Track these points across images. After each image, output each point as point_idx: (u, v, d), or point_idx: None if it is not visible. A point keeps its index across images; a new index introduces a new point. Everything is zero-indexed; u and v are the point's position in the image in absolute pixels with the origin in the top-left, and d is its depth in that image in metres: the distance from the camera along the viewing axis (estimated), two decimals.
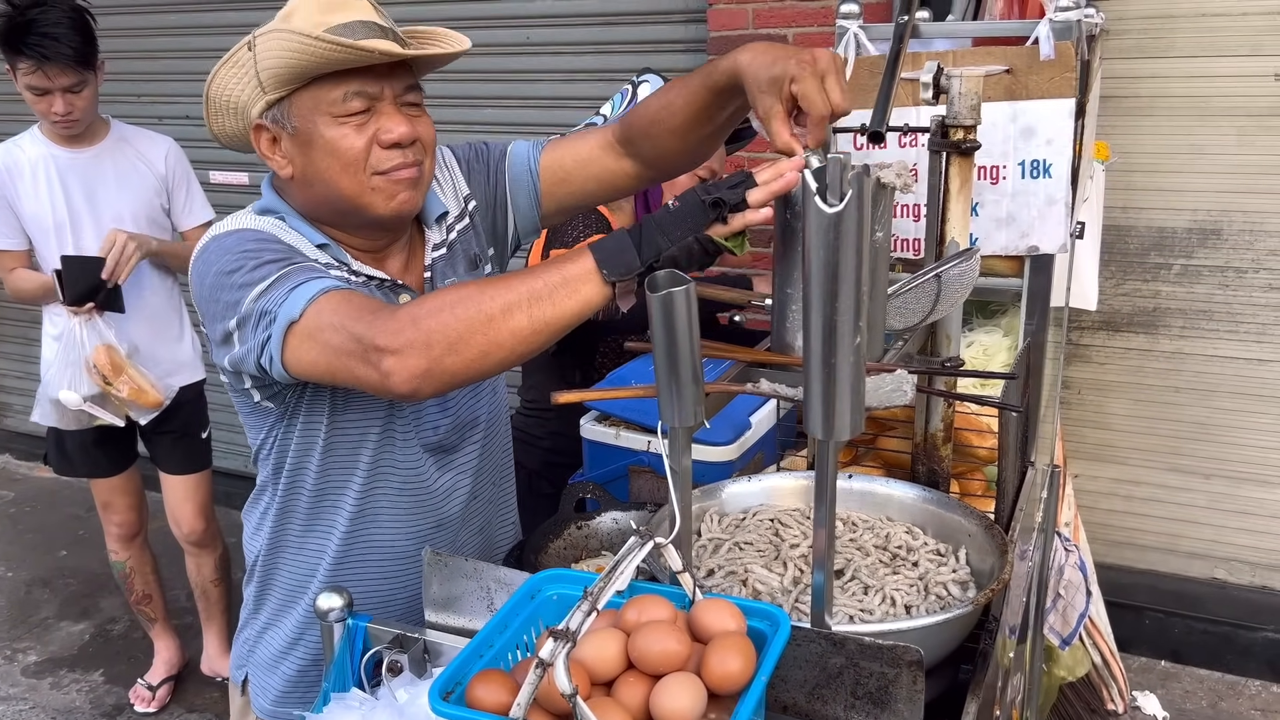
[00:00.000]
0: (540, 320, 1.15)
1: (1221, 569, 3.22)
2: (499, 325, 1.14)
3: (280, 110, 1.33)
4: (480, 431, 1.61)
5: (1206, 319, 3.06)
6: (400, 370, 1.14)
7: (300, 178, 1.36)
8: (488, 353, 1.15)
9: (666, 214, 1.16)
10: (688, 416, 1.09)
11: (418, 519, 1.56)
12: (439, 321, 1.14)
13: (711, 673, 0.99)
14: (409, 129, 1.34)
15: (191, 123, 4.34)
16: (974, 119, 1.42)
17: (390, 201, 1.36)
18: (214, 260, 1.33)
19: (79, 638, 3.65)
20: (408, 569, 1.56)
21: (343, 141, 1.31)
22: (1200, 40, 2.86)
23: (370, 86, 1.31)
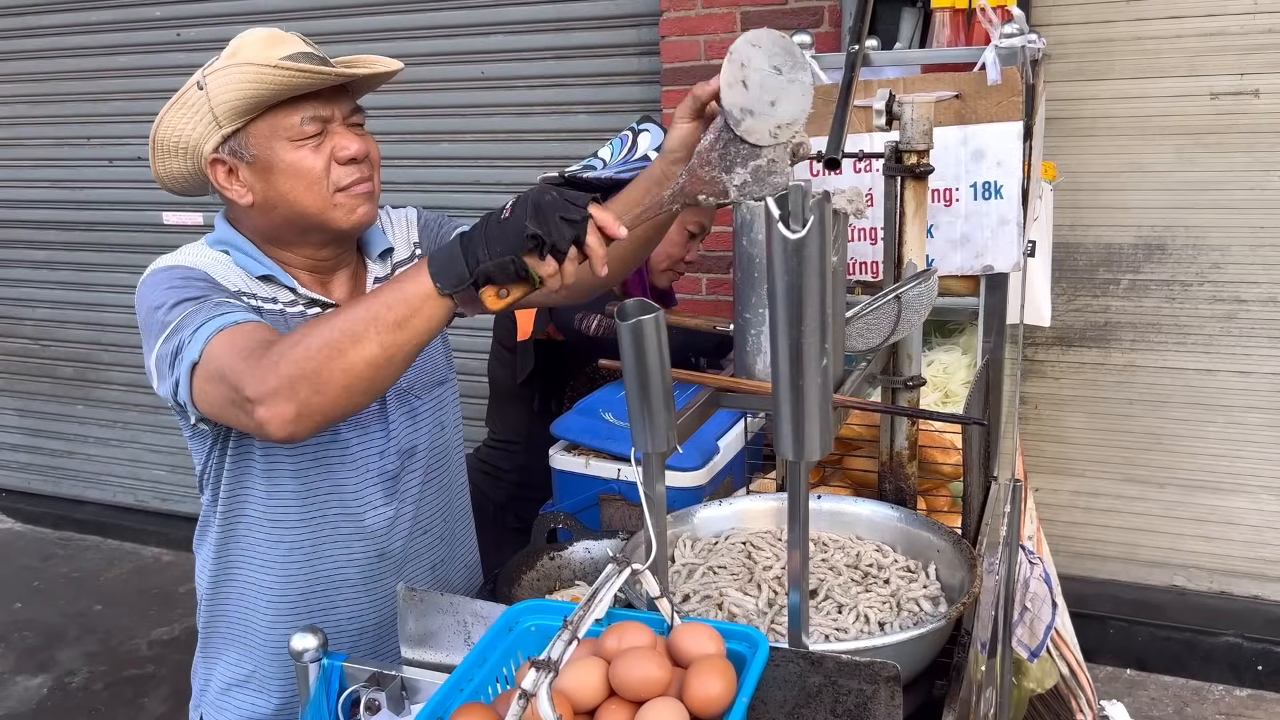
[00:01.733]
0: (391, 344, 1.18)
1: (1180, 576, 3.28)
2: (352, 357, 1.17)
3: (237, 142, 1.39)
4: (420, 461, 1.60)
5: (1155, 332, 3.14)
6: (272, 419, 1.19)
7: (261, 203, 1.41)
8: (350, 385, 1.19)
9: (497, 226, 1.16)
10: (660, 442, 1.11)
11: (359, 548, 1.55)
12: (295, 364, 1.18)
13: (693, 696, 0.99)
14: (361, 145, 1.42)
15: (143, 164, 4.27)
16: (926, 144, 1.46)
17: (351, 215, 1.43)
18: (147, 294, 1.39)
19: (37, 692, 3.56)
20: (354, 600, 1.56)
21: (304, 163, 1.39)
22: (1138, 62, 2.96)
23: (322, 110, 1.39)
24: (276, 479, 1.48)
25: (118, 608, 4.13)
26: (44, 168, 4.52)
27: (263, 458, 1.47)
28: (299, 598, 1.53)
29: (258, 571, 1.52)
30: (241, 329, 1.28)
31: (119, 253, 4.46)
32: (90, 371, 4.70)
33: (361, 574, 1.55)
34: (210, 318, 1.29)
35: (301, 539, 1.51)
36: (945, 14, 1.88)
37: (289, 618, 1.52)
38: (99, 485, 4.82)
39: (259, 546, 1.51)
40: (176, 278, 1.38)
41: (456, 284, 1.16)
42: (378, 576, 1.56)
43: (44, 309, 4.71)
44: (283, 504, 1.49)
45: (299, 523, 1.50)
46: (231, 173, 1.41)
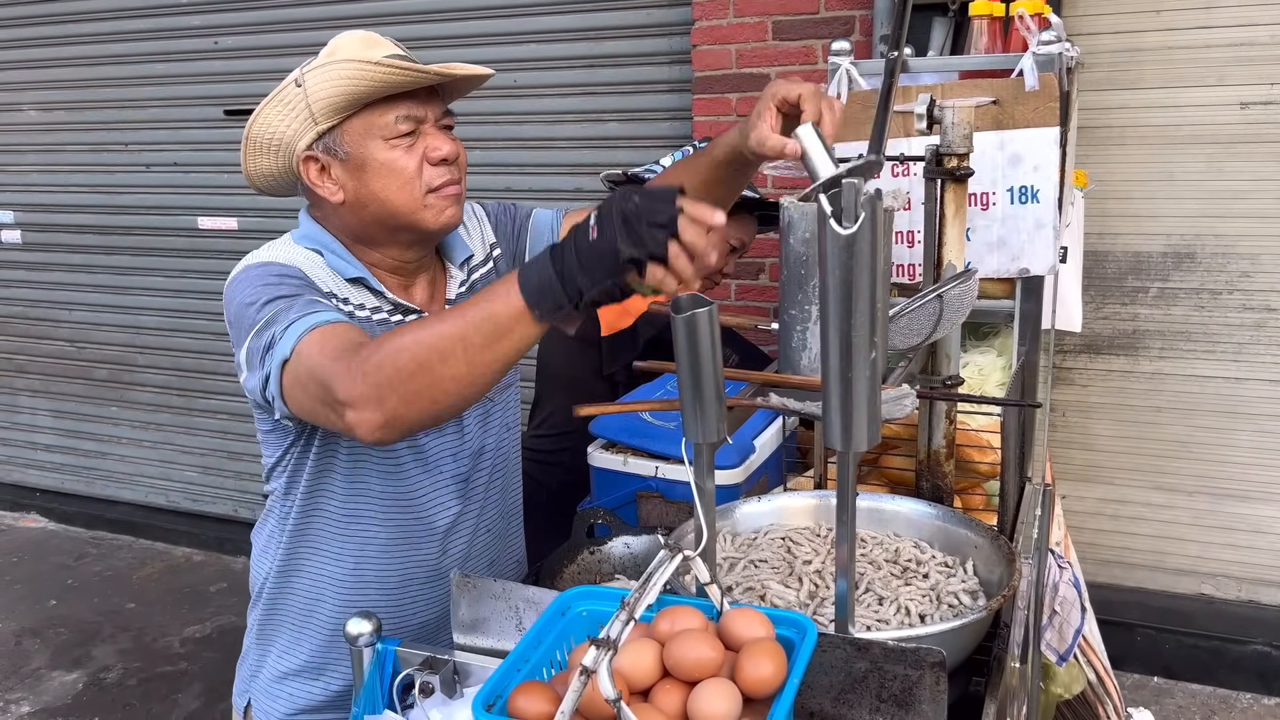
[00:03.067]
0: (479, 364, 1.18)
1: (1208, 584, 3.28)
2: (439, 373, 1.18)
3: (331, 139, 1.41)
4: (488, 460, 1.65)
5: (1184, 340, 3.15)
6: (361, 424, 1.20)
7: (353, 201, 1.44)
8: (436, 400, 1.19)
9: (587, 247, 1.11)
10: (711, 433, 1.14)
11: (428, 546, 1.59)
12: (385, 376, 1.18)
13: (746, 677, 1.02)
14: (453, 146, 1.45)
15: (179, 170, 4.38)
16: (966, 147, 1.49)
17: (440, 216, 1.45)
18: (239, 290, 1.40)
19: (72, 687, 3.62)
20: (418, 596, 1.60)
21: (398, 162, 1.41)
22: (1168, 72, 2.98)
23: (416, 110, 1.42)
24: (359, 478, 1.51)
25: (150, 606, 4.19)
26: (82, 173, 4.61)
27: (347, 457, 1.50)
28: (368, 592, 1.57)
29: (330, 563, 1.56)
30: (334, 329, 1.29)
31: (154, 256, 4.53)
32: (124, 374, 4.77)
33: (428, 571, 1.59)
34: (302, 315, 1.30)
35: (377, 535, 1.54)
36: (983, 21, 1.91)
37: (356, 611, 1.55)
38: (131, 486, 4.89)
39: (334, 540, 1.55)
40: (271, 274, 1.39)
41: (555, 310, 1.14)
42: (442, 574, 1.60)
43: (80, 311, 4.79)
44: (363, 501, 1.53)
45: (375, 520, 1.54)
46: (324, 170, 1.43)
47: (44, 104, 4.61)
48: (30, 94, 4.62)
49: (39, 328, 4.92)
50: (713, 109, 3.30)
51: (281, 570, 1.59)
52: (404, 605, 1.59)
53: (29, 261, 4.85)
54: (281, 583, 1.59)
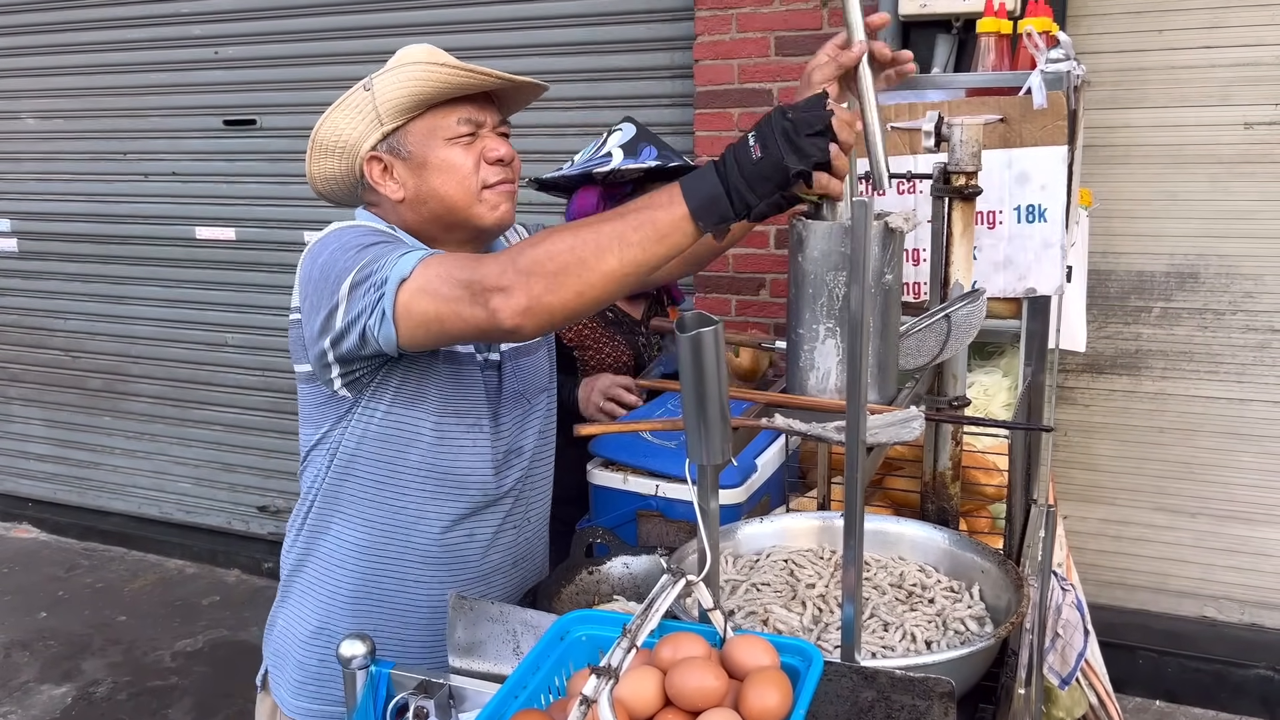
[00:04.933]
0: (631, 263, 1.24)
1: (1211, 607, 3.25)
2: (591, 267, 1.23)
3: (395, 139, 1.50)
4: (525, 460, 1.68)
5: (1187, 360, 3.13)
6: (505, 306, 1.25)
7: (413, 198, 1.52)
8: (582, 292, 1.25)
9: (752, 165, 1.18)
10: (715, 454, 1.11)
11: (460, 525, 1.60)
12: (535, 263, 1.25)
13: (750, 707, 1.00)
14: (509, 149, 1.54)
15: (177, 179, 4.36)
16: (975, 165, 1.47)
17: (494, 212, 1.53)
18: (331, 242, 1.45)
19: (61, 701, 3.57)
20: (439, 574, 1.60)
21: (456, 159, 1.50)
22: (1171, 91, 2.97)
23: (476, 114, 1.51)
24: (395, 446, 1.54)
25: (141, 619, 4.14)
26: (79, 182, 4.58)
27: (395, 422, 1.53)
28: (388, 564, 1.58)
29: (356, 529, 1.57)
30: (450, 255, 1.37)
31: (151, 266, 4.51)
32: (118, 384, 4.74)
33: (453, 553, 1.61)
34: (413, 249, 1.38)
35: (407, 504, 1.56)
36: (990, 39, 1.89)
37: (373, 580, 1.58)
38: (124, 496, 4.85)
39: (363, 505, 1.56)
40: (365, 232, 1.46)
41: (719, 221, 1.21)
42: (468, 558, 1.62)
43: (75, 320, 4.76)
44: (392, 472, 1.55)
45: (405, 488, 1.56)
46: (386, 170, 1.52)
47: (42, 112, 4.59)
48: (29, 102, 4.60)
49: (34, 336, 4.89)
50: (714, 124, 3.29)
51: (307, 541, 1.60)
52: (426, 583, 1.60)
53: (25, 270, 4.82)
54: (305, 551, 1.61)
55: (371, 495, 1.56)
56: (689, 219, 1.21)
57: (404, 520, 1.57)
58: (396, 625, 1.60)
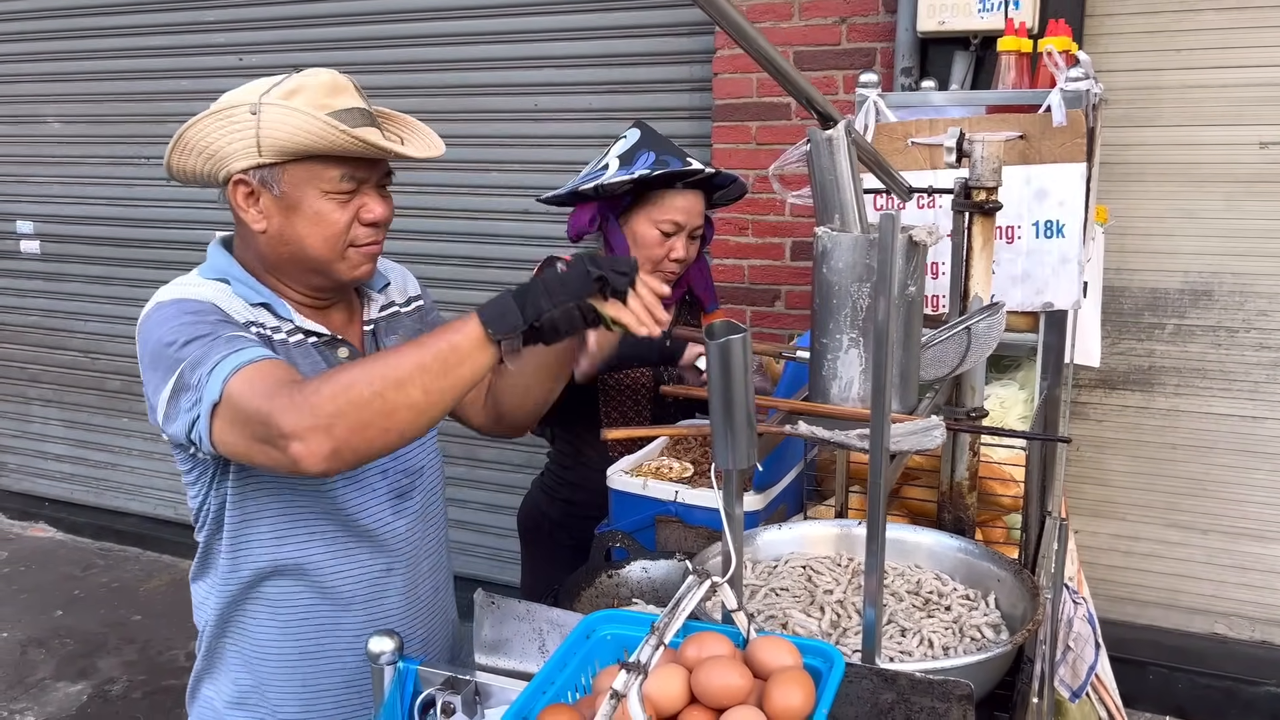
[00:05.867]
0: (435, 391, 1.25)
1: (1222, 624, 3.26)
2: (394, 401, 1.23)
3: (270, 174, 1.40)
4: (425, 478, 1.67)
5: (1200, 377, 3.15)
6: (307, 455, 1.22)
7: (274, 235, 1.44)
8: (388, 429, 1.24)
9: (555, 278, 1.26)
10: (741, 459, 1.14)
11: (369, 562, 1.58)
12: (337, 405, 1.21)
13: (774, 706, 1.02)
14: (385, 210, 1.48)
15: None
16: (995, 181, 1.50)
17: (355, 270, 1.49)
18: (154, 329, 1.39)
19: (77, 698, 3.61)
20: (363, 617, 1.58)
21: (330, 215, 1.43)
22: (1186, 110, 2.99)
23: (361, 172, 1.44)
24: (283, 496, 1.50)
25: (156, 619, 4.18)
26: (101, 185, 4.64)
27: (269, 479, 1.49)
28: (308, 612, 1.56)
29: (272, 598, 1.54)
30: (260, 367, 1.29)
31: (171, 270, 4.47)
32: (136, 385, 4.77)
33: (368, 590, 1.59)
34: (226, 354, 1.30)
35: (312, 553, 1.53)
36: (1010, 56, 1.92)
37: (295, 634, 1.55)
38: (140, 497, 4.89)
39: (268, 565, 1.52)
40: (185, 312, 1.38)
41: (509, 332, 1.24)
42: (383, 593, 1.60)
43: (95, 323, 4.82)
44: (292, 520, 1.52)
45: (308, 537, 1.53)
46: (252, 196, 1.42)
47: (67, 116, 4.66)
48: (53, 106, 4.67)
49: (54, 338, 4.94)
50: (733, 136, 3.32)
51: (224, 604, 1.55)
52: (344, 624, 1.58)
53: (46, 272, 4.88)
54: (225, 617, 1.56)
55: (275, 551, 1.52)
56: (483, 334, 1.24)
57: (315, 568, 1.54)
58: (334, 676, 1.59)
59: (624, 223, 2.19)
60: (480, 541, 4.11)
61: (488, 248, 3.84)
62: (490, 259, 3.87)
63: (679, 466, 1.99)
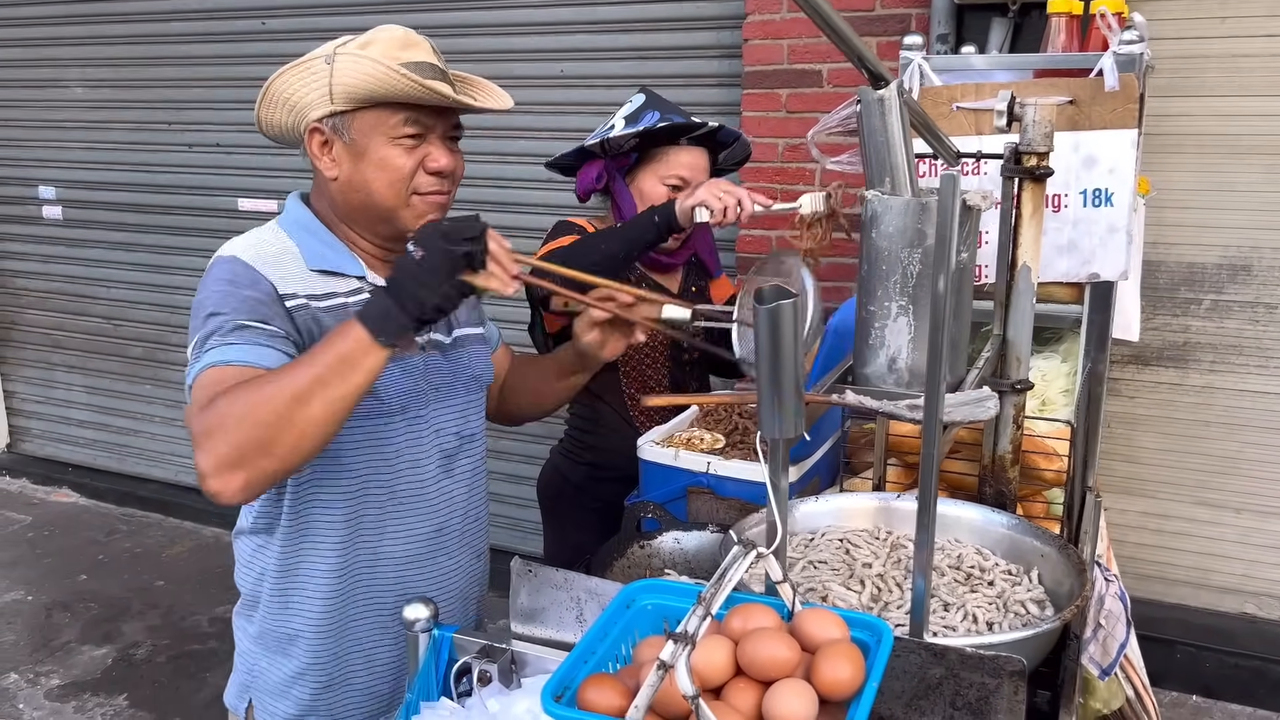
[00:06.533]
0: (335, 400, 1.27)
1: (1252, 604, 3.22)
2: (299, 419, 1.25)
3: (341, 121, 1.46)
4: (477, 445, 1.69)
5: (1236, 354, 3.09)
6: (223, 491, 1.25)
7: (345, 182, 1.49)
8: (298, 445, 1.27)
9: (417, 267, 1.28)
10: (788, 428, 1.11)
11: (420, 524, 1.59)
12: (243, 432, 1.24)
13: (822, 678, 1.00)
14: (450, 161, 1.50)
15: (222, 151, 4.39)
16: (1047, 146, 1.45)
17: (420, 219, 1.50)
18: (206, 281, 1.45)
19: (102, 662, 3.63)
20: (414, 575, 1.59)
21: (394, 160, 1.46)
22: (1230, 80, 2.92)
23: (426, 119, 1.47)
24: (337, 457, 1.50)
25: (180, 584, 4.20)
26: (125, 150, 4.63)
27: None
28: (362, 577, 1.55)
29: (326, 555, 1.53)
30: (224, 374, 1.31)
31: (194, 236, 4.55)
32: (159, 352, 4.80)
33: (418, 550, 1.59)
34: (215, 347, 1.35)
35: (362, 520, 1.53)
36: (1060, 19, 1.87)
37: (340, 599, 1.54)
38: (163, 464, 4.91)
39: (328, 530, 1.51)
40: (227, 279, 1.42)
41: (398, 334, 1.27)
42: (432, 554, 1.61)
43: (118, 289, 4.82)
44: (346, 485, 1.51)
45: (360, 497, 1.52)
46: (326, 145, 1.48)
47: (90, 81, 4.63)
48: (77, 70, 4.65)
49: (76, 304, 4.95)
50: (763, 104, 3.27)
51: (278, 569, 1.55)
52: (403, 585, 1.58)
53: (69, 238, 4.88)
54: (281, 581, 1.55)
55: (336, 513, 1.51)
56: (370, 339, 1.26)
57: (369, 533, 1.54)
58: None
59: (630, 181, 2.23)
60: (501, 512, 4.10)
61: (513, 217, 3.80)
62: (516, 228, 3.81)
63: (710, 438, 1.97)
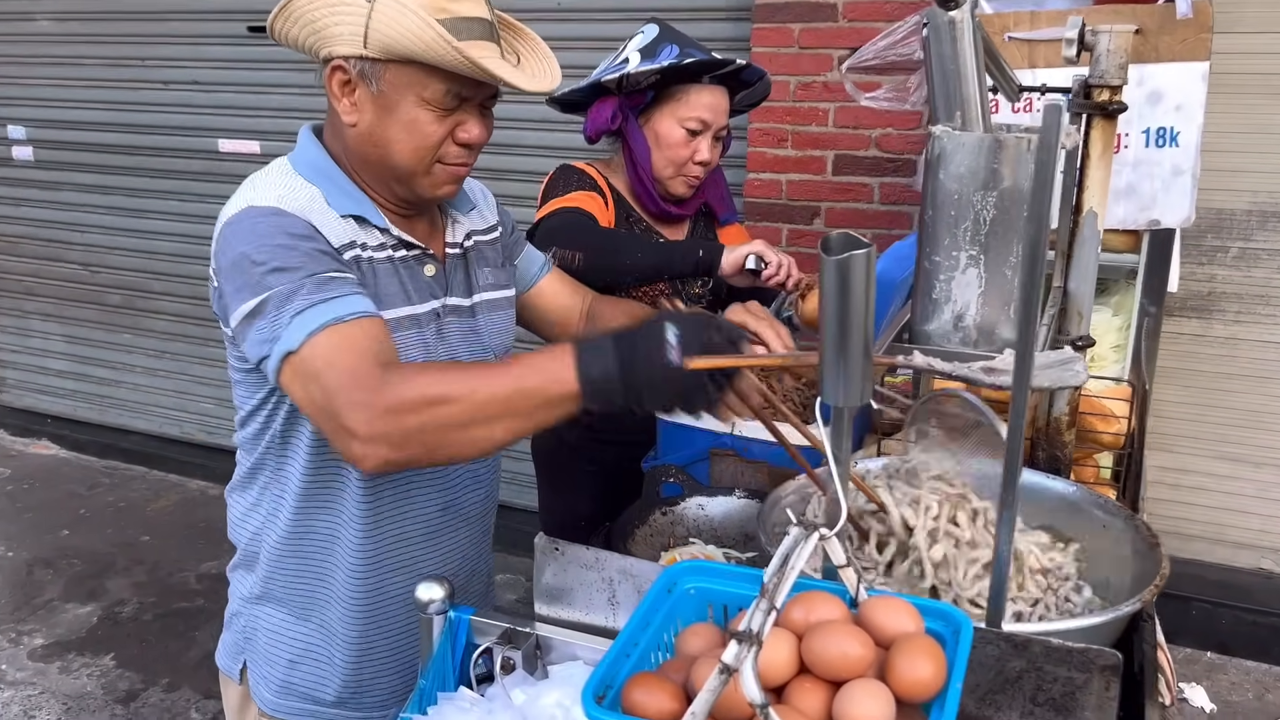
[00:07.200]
0: (518, 432, 1.17)
1: (1269, 559, 3.16)
2: (476, 434, 1.16)
3: (371, 68, 1.29)
4: None
5: (1263, 304, 2.99)
6: (367, 458, 1.15)
7: (364, 133, 1.34)
8: (459, 455, 1.20)
9: (664, 374, 1.11)
10: (855, 395, 0.99)
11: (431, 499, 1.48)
12: (419, 421, 1.14)
13: (900, 679, 0.89)
14: (483, 133, 1.36)
15: (199, 89, 4.19)
16: (1121, 78, 1.32)
17: (437, 188, 1.38)
18: (243, 237, 1.28)
19: (86, 620, 3.53)
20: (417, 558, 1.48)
21: (425, 126, 1.32)
22: (1269, 16, 2.77)
23: (466, 90, 1.32)
24: None
25: (165, 539, 4.09)
26: (97, 88, 4.40)
27: None
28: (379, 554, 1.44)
29: (330, 514, 1.42)
30: (351, 332, 1.20)
31: (173, 179, 4.35)
32: (139, 300, 4.63)
33: (427, 528, 1.48)
34: (315, 301, 1.21)
35: (391, 491, 1.42)
36: None
37: (368, 575, 1.44)
38: (145, 415, 4.77)
39: (352, 503, 1.41)
40: (282, 231, 1.27)
41: (604, 404, 1.14)
42: (439, 530, 1.50)
43: (94, 234, 4.63)
44: None
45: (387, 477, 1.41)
46: (348, 85, 1.31)
47: (58, 13, 4.39)
48: (44, 2, 4.40)
49: (50, 249, 4.75)
50: (773, 39, 3.10)
51: (279, 527, 1.44)
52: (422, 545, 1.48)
53: (41, 180, 4.67)
54: (280, 540, 1.44)
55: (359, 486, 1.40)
56: (578, 393, 1.14)
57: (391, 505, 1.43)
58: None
59: (644, 122, 2.06)
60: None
61: (507, 159, 3.63)
62: (509, 171, 3.66)
63: None
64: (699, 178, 2.08)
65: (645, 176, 2.06)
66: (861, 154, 3.10)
